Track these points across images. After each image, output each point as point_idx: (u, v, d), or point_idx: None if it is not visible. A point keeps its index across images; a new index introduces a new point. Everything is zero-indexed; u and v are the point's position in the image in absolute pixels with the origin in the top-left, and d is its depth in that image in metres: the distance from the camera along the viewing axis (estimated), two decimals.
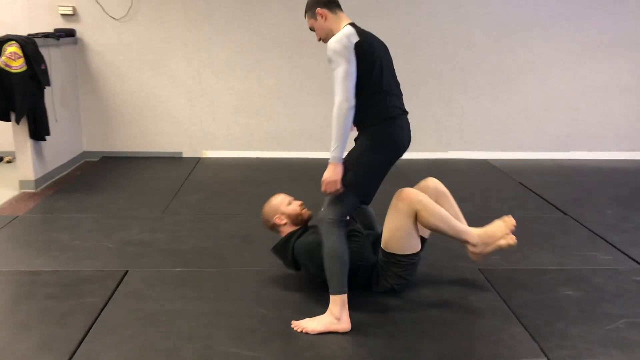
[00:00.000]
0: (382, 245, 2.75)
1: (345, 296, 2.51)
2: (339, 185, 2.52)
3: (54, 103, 4.79)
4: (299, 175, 5.02)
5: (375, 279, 2.80)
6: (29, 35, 4.62)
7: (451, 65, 5.55)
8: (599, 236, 3.70)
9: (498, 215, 4.08)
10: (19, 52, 4.19)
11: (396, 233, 2.68)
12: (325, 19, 2.64)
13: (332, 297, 2.51)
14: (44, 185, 4.64)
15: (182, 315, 2.63)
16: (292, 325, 2.51)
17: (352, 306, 2.66)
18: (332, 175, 2.50)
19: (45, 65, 4.51)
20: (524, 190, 4.71)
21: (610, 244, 3.57)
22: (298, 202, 2.96)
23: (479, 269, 3.15)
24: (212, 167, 5.34)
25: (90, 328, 2.50)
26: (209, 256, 3.31)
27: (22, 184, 4.50)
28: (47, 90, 4.59)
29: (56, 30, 5.09)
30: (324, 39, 2.68)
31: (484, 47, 5.52)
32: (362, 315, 2.63)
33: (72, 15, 5.23)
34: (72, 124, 5.29)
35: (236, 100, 5.53)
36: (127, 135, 5.56)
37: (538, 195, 4.57)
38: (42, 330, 2.49)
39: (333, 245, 2.53)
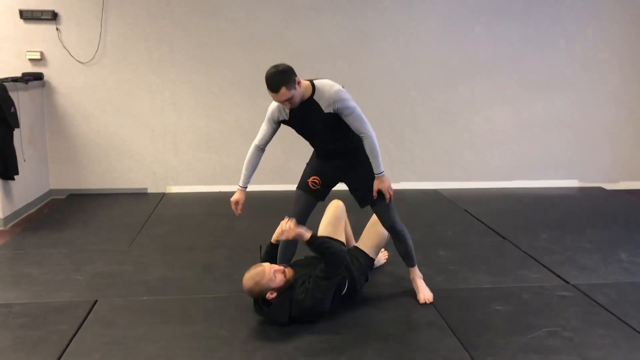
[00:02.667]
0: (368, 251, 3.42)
1: None
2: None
3: (22, 143, 4.99)
4: (259, 207, 5.29)
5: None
6: None
7: (401, 103, 5.97)
8: (532, 257, 4.07)
9: (443, 240, 4.46)
10: None
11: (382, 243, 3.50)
12: (300, 83, 2.92)
13: (416, 267, 3.38)
14: (13, 223, 4.81)
15: (147, 338, 2.86)
16: (421, 301, 3.27)
17: (305, 325, 2.95)
18: (389, 182, 3.15)
19: (15, 109, 4.73)
20: (468, 218, 5.09)
21: (541, 264, 3.95)
22: (279, 270, 2.96)
23: None
24: (176, 201, 5.58)
25: (62, 353, 2.72)
26: (173, 285, 3.55)
27: None
28: (16, 131, 4.80)
29: (24, 74, 5.32)
30: (297, 102, 2.96)
31: (430, 86, 5.97)
32: (314, 332, 2.90)
33: (40, 60, 5.47)
34: (40, 163, 5.49)
35: (198, 137, 5.82)
36: (93, 173, 5.77)
37: (481, 221, 4.94)
38: (17, 356, 2.69)
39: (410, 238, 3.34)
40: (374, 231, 3.48)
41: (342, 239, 3.57)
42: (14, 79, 5.03)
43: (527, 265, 3.92)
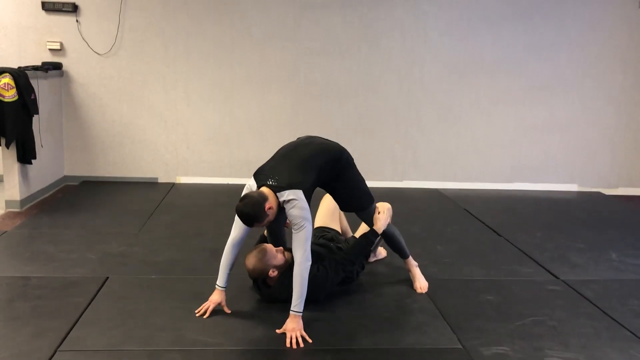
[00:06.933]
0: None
1: None
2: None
3: (40, 130, 5.20)
4: None
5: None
6: (19, 67, 5.06)
7: (406, 103, 6.14)
8: (525, 254, 4.23)
9: (441, 235, 4.62)
10: (12, 83, 4.63)
11: None
12: (272, 207, 2.90)
13: (410, 258, 3.54)
14: (28, 205, 5.02)
15: (156, 311, 3.05)
16: (418, 290, 3.44)
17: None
18: (300, 325, 2.85)
19: (35, 95, 4.94)
20: (467, 216, 5.25)
21: (533, 260, 4.11)
22: (280, 250, 3.15)
23: None
24: (186, 191, 5.78)
25: (77, 321, 2.92)
26: (181, 266, 3.74)
27: (8, 203, 4.88)
28: (35, 118, 5.01)
29: (44, 63, 5.54)
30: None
31: (435, 87, 6.14)
32: (312, 313, 3.07)
33: (59, 50, 5.69)
34: (55, 149, 5.70)
35: (209, 130, 6.02)
36: (106, 161, 5.98)
37: (479, 220, 5.10)
38: (35, 322, 2.89)
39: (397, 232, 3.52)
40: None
41: (338, 228, 3.73)
42: (35, 68, 5.25)
43: (520, 261, 4.08)
